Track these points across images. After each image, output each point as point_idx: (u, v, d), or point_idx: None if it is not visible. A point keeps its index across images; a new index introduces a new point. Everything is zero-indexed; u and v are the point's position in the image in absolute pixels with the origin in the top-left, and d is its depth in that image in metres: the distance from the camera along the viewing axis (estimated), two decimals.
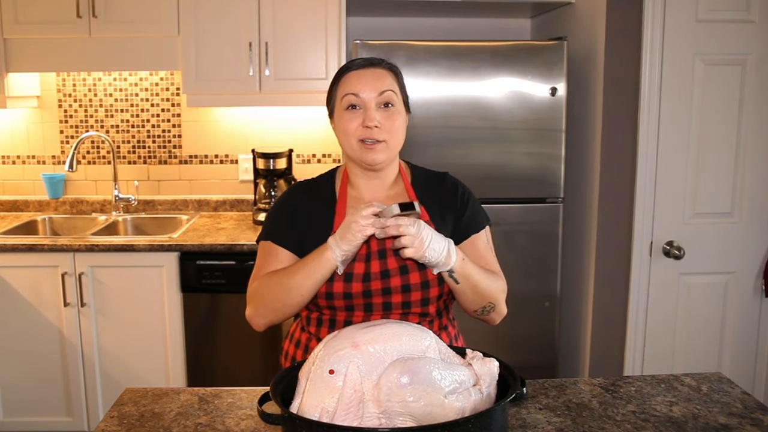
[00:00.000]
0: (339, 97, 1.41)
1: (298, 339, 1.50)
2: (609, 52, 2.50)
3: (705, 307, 2.56)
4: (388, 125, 1.38)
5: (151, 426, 1.27)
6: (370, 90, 1.38)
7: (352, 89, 1.38)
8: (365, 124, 1.37)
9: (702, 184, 2.48)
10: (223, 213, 3.24)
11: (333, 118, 1.45)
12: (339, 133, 1.43)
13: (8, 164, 3.25)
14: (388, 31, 3.19)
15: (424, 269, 1.37)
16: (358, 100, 1.38)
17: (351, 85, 1.39)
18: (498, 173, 2.63)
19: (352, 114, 1.38)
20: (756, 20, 2.39)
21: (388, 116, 1.38)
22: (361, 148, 1.39)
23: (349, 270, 1.36)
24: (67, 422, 2.76)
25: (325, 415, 1.02)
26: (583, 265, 2.73)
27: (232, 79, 2.83)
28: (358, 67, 1.41)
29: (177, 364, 2.72)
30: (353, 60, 1.44)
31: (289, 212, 1.47)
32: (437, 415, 1.02)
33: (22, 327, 2.68)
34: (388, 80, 1.40)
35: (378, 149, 1.38)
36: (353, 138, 1.39)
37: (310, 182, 1.53)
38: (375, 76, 1.39)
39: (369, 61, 1.42)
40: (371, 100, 1.37)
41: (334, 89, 1.44)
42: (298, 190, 1.51)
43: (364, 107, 1.38)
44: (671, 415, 1.30)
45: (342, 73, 1.43)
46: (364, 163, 1.41)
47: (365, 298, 1.37)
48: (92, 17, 2.77)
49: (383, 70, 1.41)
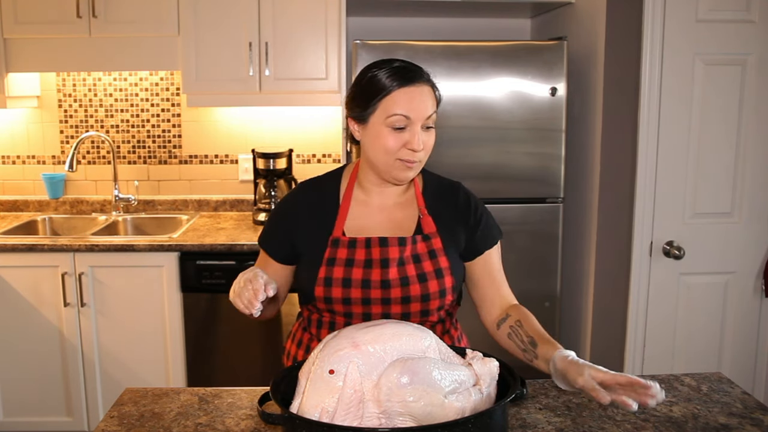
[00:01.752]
0: (383, 113, 1.31)
1: (300, 339, 1.50)
2: (609, 52, 2.50)
3: (705, 307, 2.56)
4: (428, 143, 1.34)
5: (151, 426, 1.27)
6: (420, 114, 1.30)
7: (403, 110, 1.29)
8: (411, 146, 1.30)
9: (702, 184, 2.48)
10: (223, 213, 3.25)
11: (364, 126, 1.35)
12: (374, 146, 1.34)
13: (8, 164, 3.25)
14: (388, 31, 3.19)
15: (425, 282, 1.37)
16: (408, 122, 1.30)
17: (401, 105, 1.29)
18: (498, 173, 2.63)
19: (397, 134, 1.31)
20: (756, 20, 2.39)
21: (429, 136, 1.34)
22: (398, 166, 1.33)
23: (347, 276, 1.36)
24: (67, 422, 2.76)
25: (325, 415, 1.02)
26: (583, 265, 2.73)
27: (232, 79, 2.83)
28: (407, 82, 1.30)
29: (177, 364, 2.72)
30: (396, 68, 1.32)
31: (287, 217, 1.46)
32: (437, 415, 1.02)
33: (22, 327, 2.68)
34: (432, 99, 1.33)
35: (414, 168, 1.34)
36: (392, 156, 1.32)
37: (315, 181, 1.50)
38: (423, 97, 1.31)
39: (415, 76, 1.32)
40: (419, 123, 1.30)
41: (375, 100, 1.31)
42: (300, 192, 1.48)
43: (411, 130, 1.30)
44: (671, 415, 1.30)
45: (388, 86, 1.30)
46: (395, 179, 1.37)
47: (364, 306, 1.36)
48: (92, 17, 2.77)
49: (428, 87, 1.33)
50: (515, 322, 1.35)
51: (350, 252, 1.38)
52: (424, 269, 1.38)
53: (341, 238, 1.39)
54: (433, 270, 1.38)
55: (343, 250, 1.38)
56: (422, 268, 1.38)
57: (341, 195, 1.44)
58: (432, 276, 1.37)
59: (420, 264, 1.38)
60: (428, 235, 1.40)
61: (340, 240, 1.39)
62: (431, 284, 1.36)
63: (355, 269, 1.36)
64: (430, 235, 1.40)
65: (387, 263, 1.36)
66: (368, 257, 1.37)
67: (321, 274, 1.37)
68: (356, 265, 1.36)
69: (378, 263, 1.37)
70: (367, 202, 1.43)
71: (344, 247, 1.38)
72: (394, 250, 1.37)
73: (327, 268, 1.37)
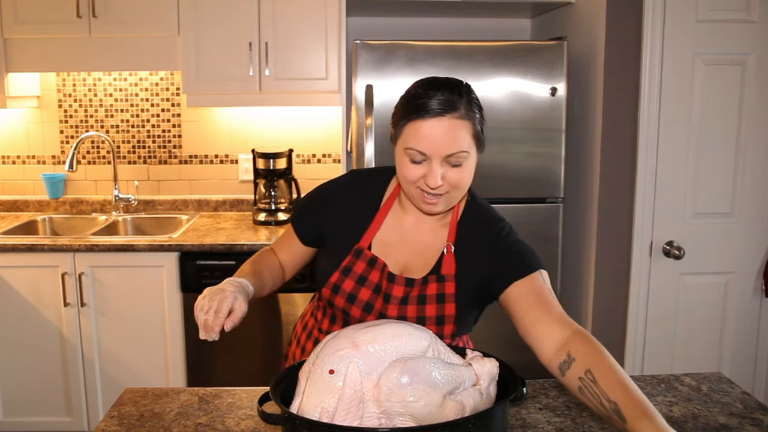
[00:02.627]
0: (403, 141, 1.22)
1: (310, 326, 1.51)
2: (609, 52, 2.50)
3: (705, 307, 2.56)
4: (453, 180, 1.22)
5: (151, 426, 1.26)
6: (439, 151, 1.18)
7: (418, 146, 1.19)
8: (427, 181, 1.21)
9: (702, 184, 2.48)
10: (223, 213, 3.25)
11: (394, 144, 1.27)
12: (398, 169, 1.26)
13: (8, 164, 3.25)
14: (388, 31, 3.19)
15: (442, 303, 1.30)
16: (424, 157, 1.20)
17: (418, 139, 1.18)
18: (498, 173, 2.63)
19: (414, 166, 1.21)
20: (756, 20, 2.39)
21: (458, 173, 1.22)
22: (419, 197, 1.25)
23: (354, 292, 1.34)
24: (67, 422, 2.76)
25: (325, 415, 1.02)
26: (583, 265, 2.73)
27: (232, 79, 2.83)
28: (432, 114, 1.17)
29: (177, 364, 2.72)
30: (430, 94, 1.18)
31: (326, 207, 1.42)
32: (437, 414, 1.02)
33: (22, 327, 2.68)
34: (461, 135, 1.19)
35: (438, 203, 1.25)
36: (411, 185, 1.24)
37: (366, 180, 1.43)
38: (450, 133, 1.18)
39: (447, 108, 1.18)
40: (438, 160, 1.19)
41: (399, 125, 1.23)
42: (347, 188, 1.42)
43: (428, 165, 1.20)
44: (671, 415, 1.30)
45: (411, 114, 1.20)
46: (420, 209, 1.30)
47: (361, 320, 1.35)
48: (92, 17, 2.77)
49: (462, 122, 1.19)
50: (585, 374, 1.06)
51: (367, 270, 1.34)
52: (426, 313, 1.30)
53: (365, 251, 1.35)
54: (434, 315, 1.30)
55: (362, 264, 1.35)
56: (423, 311, 1.30)
57: (383, 201, 1.39)
58: (432, 321, 1.30)
59: (423, 306, 1.31)
60: (444, 276, 1.32)
61: (363, 253, 1.35)
62: (448, 305, 1.31)
63: (364, 289, 1.33)
64: (445, 277, 1.31)
65: (389, 299, 1.32)
66: (379, 282, 1.34)
67: (333, 278, 1.35)
68: (367, 286, 1.33)
69: (382, 295, 1.33)
70: (402, 218, 1.37)
71: (364, 261, 1.35)
72: (399, 289, 1.33)
73: (340, 275, 1.35)
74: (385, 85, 2.53)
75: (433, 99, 1.18)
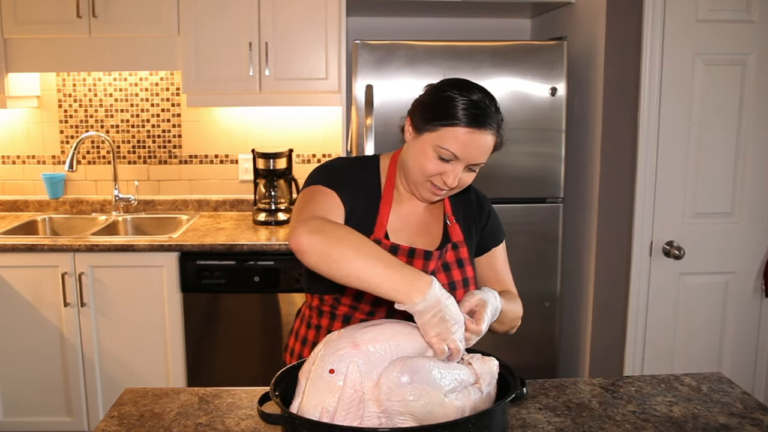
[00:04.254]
0: (438, 139, 1.25)
1: (304, 336, 1.49)
2: (609, 52, 2.50)
3: (705, 307, 2.56)
4: (465, 181, 1.31)
5: (151, 426, 1.26)
6: (470, 158, 1.26)
7: (457, 150, 1.24)
8: (445, 179, 1.27)
9: (702, 184, 2.48)
10: (223, 213, 3.25)
11: (417, 135, 1.29)
12: (415, 159, 1.29)
13: (8, 164, 3.25)
14: (388, 31, 3.19)
15: (453, 291, 1.35)
16: (455, 159, 1.26)
17: (458, 144, 1.24)
18: (498, 173, 2.63)
19: (439, 162, 1.27)
20: (756, 20, 2.39)
21: (469, 176, 1.30)
22: (427, 187, 1.31)
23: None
24: (67, 422, 2.76)
25: (325, 415, 1.02)
26: (583, 265, 2.73)
27: (232, 79, 2.83)
28: (476, 125, 1.23)
29: (177, 364, 2.72)
30: (474, 102, 1.24)
31: (346, 174, 1.36)
32: (437, 413, 1.02)
33: (22, 327, 2.68)
34: (489, 148, 1.27)
35: (441, 195, 1.33)
36: (425, 177, 1.29)
37: (356, 163, 1.41)
38: (482, 144, 1.25)
39: (486, 121, 1.24)
40: (464, 164, 1.27)
41: (438, 123, 1.25)
42: (353, 163, 1.40)
43: (453, 166, 1.27)
44: (671, 415, 1.30)
45: (457, 119, 1.23)
46: (419, 196, 1.35)
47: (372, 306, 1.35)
48: (92, 17, 2.77)
49: (493, 135, 1.26)
50: None
51: None
52: (454, 278, 1.37)
53: (383, 240, 1.34)
54: (461, 279, 1.38)
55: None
56: (452, 276, 1.37)
57: (382, 189, 1.39)
58: (460, 285, 1.38)
59: (450, 273, 1.38)
60: (456, 244, 1.40)
61: (381, 243, 1.34)
62: (458, 293, 1.36)
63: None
64: (458, 244, 1.40)
65: None
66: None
67: None
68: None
69: None
70: (402, 204, 1.41)
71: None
72: (433, 263, 1.35)
73: None
74: (385, 85, 2.53)
75: (474, 108, 1.24)
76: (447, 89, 1.27)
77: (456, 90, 1.26)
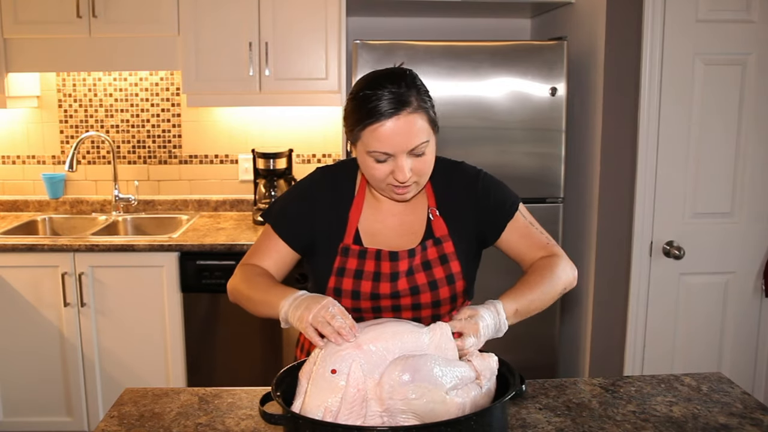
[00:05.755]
0: (363, 145, 1.23)
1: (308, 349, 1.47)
2: (609, 52, 2.50)
3: (705, 307, 2.56)
4: (420, 168, 1.25)
5: (151, 426, 1.27)
6: (402, 147, 1.21)
7: (382, 147, 1.20)
8: (396, 177, 1.24)
9: (702, 184, 2.48)
10: (223, 213, 3.24)
11: (354, 147, 1.28)
12: (364, 170, 1.28)
13: (8, 164, 3.25)
14: (388, 31, 3.19)
15: (436, 289, 1.34)
16: (388, 156, 1.22)
17: (381, 141, 1.20)
18: (498, 173, 2.60)
19: (380, 165, 1.24)
20: (756, 20, 2.39)
21: (421, 162, 1.25)
22: (390, 190, 1.29)
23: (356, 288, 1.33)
24: (67, 422, 2.76)
25: (328, 415, 1.02)
26: (583, 265, 2.73)
27: (232, 79, 2.83)
28: (388, 116, 1.18)
29: (177, 364, 2.72)
30: (380, 94, 1.19)
31: (307, 200, 1.38)
32: (439, 411, 1.02)
33: (22, 327, 2.68)
34: (419, 127, 1.21)
35: (409, 190, 1.28)
36: (381, 182, 1.27)
37: (333, 170, 1.42)
38: (408, 128, 1.19)
39: (400, 106, 1.19)
40: (402, 155, 1.22)
41: (357, 129, 1.22)
42: (322, 179, 1.40)
43: (394, 161, 1.23)
44: (671, 415, 1.30)
45: (369, 118, 1.20)
46: (394, 199, 1.33)
47: (374, 313, 1.35)
48: (92, 17, 2.77)
49: (416, 115, 1.20)
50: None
51: (360, 263, 1.34)
52: (435, 276, 1.34)
53: (351, 247, 1.35)
54: (444, 276, 1.34)
55: (353, 260, 1.34)
56: (433, 275, 1.34)
57: (356, 192, 1.39)
58: (443, 283, 1.34)
59: (430, 271, 1.34)
60: (439, 239, 1.36)
61: (350, 249, 1.35)
62: (442, 291, 1.34)
63: (364, 282, 1.33)
64: (441, 239, 1.36)
65: (396, 276, 1.33)
66: (377, 270, 1.34)
67: (330, 284, 1.35)
68: (365, 278, 1.33)
69: (387, 277, 1.33)
70: (378, 205, 1.39)
71: (354, 257, 1.35)
72: (404, 263, 1.34)
73: (336, 278, 1.34)
74: None
75: (382, 99, 1.19)
76: (357, 92, 1.24)
77: (361, 88, 1.23)
